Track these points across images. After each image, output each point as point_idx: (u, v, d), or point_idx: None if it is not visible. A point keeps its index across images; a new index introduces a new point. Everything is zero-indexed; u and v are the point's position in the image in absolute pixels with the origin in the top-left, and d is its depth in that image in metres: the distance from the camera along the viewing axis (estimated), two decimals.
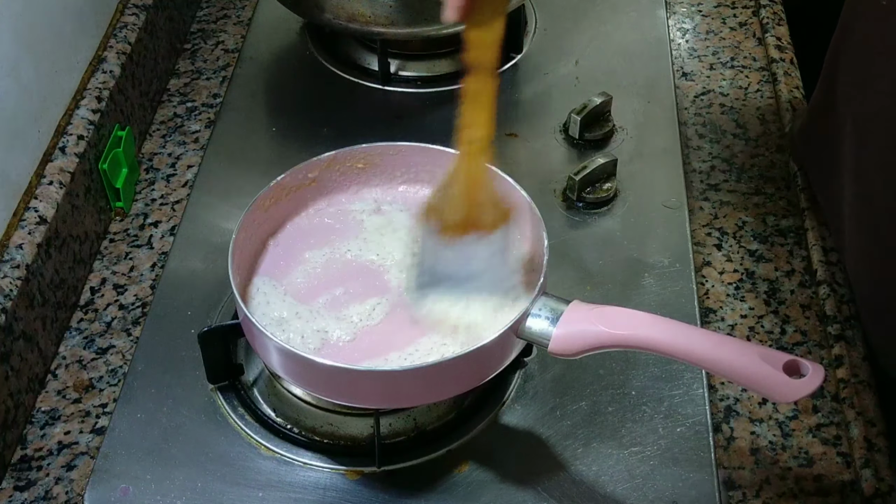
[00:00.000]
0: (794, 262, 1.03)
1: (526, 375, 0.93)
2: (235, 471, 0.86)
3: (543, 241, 0.85)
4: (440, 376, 0.79)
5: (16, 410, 0.89)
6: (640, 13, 1.31)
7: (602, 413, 0.90)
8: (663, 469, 0.86)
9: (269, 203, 0.91)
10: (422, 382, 0.79)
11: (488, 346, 0.78)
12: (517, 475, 0.86)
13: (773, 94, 1.21)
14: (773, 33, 1.28)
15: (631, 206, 1.08)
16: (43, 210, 0.95)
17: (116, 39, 1.14)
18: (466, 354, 0.77)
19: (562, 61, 1.25)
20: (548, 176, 1.10)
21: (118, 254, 1.06)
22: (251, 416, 0.90)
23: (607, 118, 1.14)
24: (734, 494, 0.86)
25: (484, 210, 0.84)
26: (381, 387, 0.80)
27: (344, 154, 0.94)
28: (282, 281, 0.89)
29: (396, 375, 0.79)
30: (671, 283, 0.99)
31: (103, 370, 0.95)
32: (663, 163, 1.12)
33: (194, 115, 1.20)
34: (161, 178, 1.13)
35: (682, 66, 1.26)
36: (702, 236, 1.06)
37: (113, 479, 0.86)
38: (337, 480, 0.86)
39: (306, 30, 1.30)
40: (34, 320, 0.92)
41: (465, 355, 0.77)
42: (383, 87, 1.22)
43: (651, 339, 0.75)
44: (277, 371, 0.83)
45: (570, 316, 0.78)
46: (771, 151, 1.14)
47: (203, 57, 1.28)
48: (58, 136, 1.02)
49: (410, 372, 0.78)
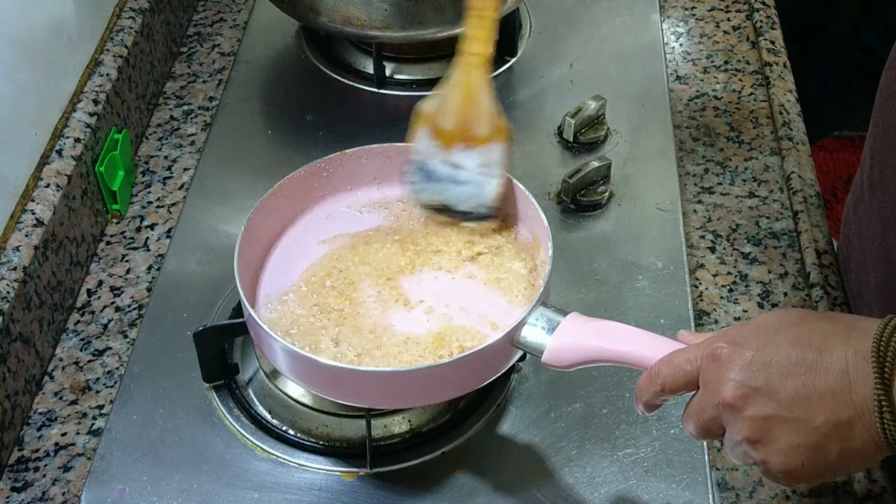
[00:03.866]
0: (787, 265, 1.04)
1: (520, 378, 0.93)
2: (231, 472, 0.87)
3: (549, 250, 0.85)
4: (437, 378, 0.79)
5: (13, 412, 0.89)
6: (634, 17, 1.32)
7: (596, 415, 0.90)
8: (657, 471, 0.86)
9: (275, 202, 0.91)
10: (420, 383, 0.79)
11: (482, 351, 0.78)
12: (511, 477, 0.86)
13: (766, 97, 1.22)
14: (767, 37, 1.28)
15: (625, 208, 1.08)
16: (40, 212, 0.96)
17: (113, 43, 1.14)
18: (463, 358, 0.78)
19: (556, 64, 1.25)
20: (542, 179, 1.10)
21: (115, 256, 1.06)
22: (247, 417, 0.90)
23: (601, 121, 1.15)
24: (727, 496, 0.86)
25: (477, 123, 0.87)
26: (380, 387, 0.80)
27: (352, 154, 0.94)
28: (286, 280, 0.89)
29: (396, 376, 0.79)
30: (665, 285, 1.00)
31: (100, 372, 0.95)
32: (657, 166, 1.12)
33: (190, 118, 1.21)
34: (157, 181, 1.13)
35: (676, 70, 1.26)
36: (695, 239, 1.06)
37: (109, 481, 0.86)
38: (332, 482, 0.86)
39: (302, 33, 1.30)
40: (31, 322, 0.92)
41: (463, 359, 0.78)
42: (378, 90, 1.22)
43: (644, 357, 0.74)
44: (281, 369, 0.83)
45: (566, 328, 0.78)
46: (764, 154, 1.15)
47: (199, 60, 1.29)
48: (55, 139, 1.03)
49: (410, 373, 0.79)
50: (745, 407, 0.65)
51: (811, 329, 0.65)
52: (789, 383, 0.63)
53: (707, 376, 0.67)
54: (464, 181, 0.89)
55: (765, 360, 0.64)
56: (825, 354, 0.63)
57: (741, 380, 0.65)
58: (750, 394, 0.64)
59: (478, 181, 0.89)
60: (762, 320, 0.67)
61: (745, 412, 0.65)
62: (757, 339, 0.66)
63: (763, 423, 0.65)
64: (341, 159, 0.94)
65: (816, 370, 0.63)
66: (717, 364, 0.66)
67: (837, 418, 0.63)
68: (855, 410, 0.62)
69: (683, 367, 0.69)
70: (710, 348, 0.67)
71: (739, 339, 0.66)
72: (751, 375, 0.64)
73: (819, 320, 0.66)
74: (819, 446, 0.64)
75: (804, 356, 0.64)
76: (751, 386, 0.64)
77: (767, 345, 0.65)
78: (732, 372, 0.65)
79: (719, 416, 0.67)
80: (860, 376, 0.62)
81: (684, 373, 0.69)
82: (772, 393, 0.64)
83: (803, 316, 0.67)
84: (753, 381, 0.64)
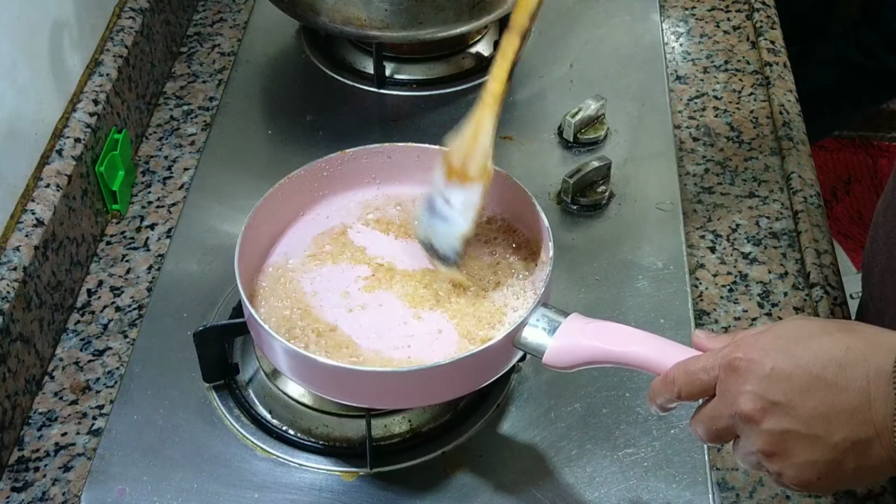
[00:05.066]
0: (787, 265, 1.04)
1: (520, 378, 0.93)
2: (231, 472, 0.87)
3: (549, 250, 0.85)
4: (438, 378, 0.79)
5: (13, 412, 0.89)
6: (634, 17, 1.32)
7: (596, 415, 0.90)
8: (657, 471, 0.86)
9: (275, 202, 0.91)
10: (420, 384, 0.79)
11: (482, 352, 0.78)
12: (511, 477, 0.86)
13: (766, 97, 1.22)
14: (767, 37, 1.28)
15: (625, 208, 1.08)
16: (40, 212, 0.96)
17: (113, 43, 1.14)
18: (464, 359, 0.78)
19: (556, 64, 1.25)
20: (542, 179, 1.10)
21: (115, 256, 1.06)
22: (247, 417, 0.90)
23: (601, 121, 1.15)
24: (727, 496, 0.86)
25: (472, 160, 0.86)
26: (380, 387, 0.80)
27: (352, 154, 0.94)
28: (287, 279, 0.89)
29: (396, 376, 0.79)
30: (665, 285, 1.00)
31: (100, 372, 0.95)
32: (657, 165, 1.12)
33: (190, 118, 1.21)
34: (157, 181, 1.13)
35: (676, 70, 1.26)
36: (695, 239, 1.06)
37: (110, 481, 0.86)
38: (332, 482, 0.86)
39: (302, 33, 1.30)
40: (31, 322, 0.92)
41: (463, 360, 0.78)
42: (378, 90, 1.22)
43: (645, 359, 0.74)
44: (281, 369, 0.83)
45: (567, 329, 0.78)
46: (764, 154, 1.15)
47: (199, 60, 1.29)
48: (55, 139, 1.03)
49: (410, 373, 0.79)
50: (763, 420, 0.64)
51: (832, 343, 0.64)
52: (809, 399, 0.63)
53: (724, 386, 0.67)
54: (446, 217, 0.88)
55: (785, 373, 0.64)
56: (846, 371, 0.62)
57: (760, 392, 0.64)
58: (768, 407, 0.64)
59: (455, 221, 0.88)
60: (782, 329, 0.67)
61: (762, 425, 0.64)
62: (777, 350, 0.65)
63: (780, 438, 0.64)
64: (341, 159, 0.94)
65: (837, 387, 0.62)
66: (735, 374, 0.66)
67: (856, 437, 0.62)
68: (874, 430, 0.61)
69: (700, 375, 0.68)
70: (728, 358, 0.66)
71: (758, 349, 0.65)
72: (770, 388, 0.64)
73: (841, 332, 0.65)
74: (836, 462, 0.63)
75: (825, 372, 0.63)
76: (770, 399, 0.64)
77: (787, 357, 0.64)
78: (751, 383, 0.65)
79: (734, 426, 0.67)
80: (880, 396, 0.61)
81: (701, 381, 0.68)
82: (791, 408, 0.63)
83: (824, 326, 0.66)
84: (772, 395, 0.64)
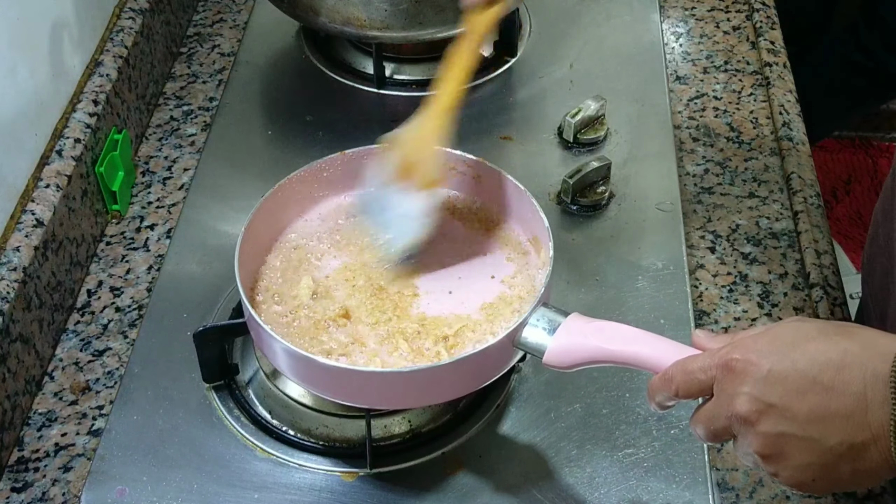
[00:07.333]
0: (787, 265, 1.04)
1: (520, 378, 0.93)
2: (231, 472, 0.87)
3: (549, 251, 0.85)
4: (438, 378, 0.79)
5: (13, 412, 0.89)
6: (634, 17, 1.32)
7: (596, 415, 0.90)
8: (657, 471, 0.86)
9: (275, 202, 0.90)
10: (420, 384, 0.79)
11: (483, 352, 0.78)
12: (511, 477, 0.86)
13: (766, 97, 1.22)
14: (767, 37, 1.28)
15: (625, 208, 1.08)
16: (40, 213, 0.96)
17: (113, 43, 1.14)
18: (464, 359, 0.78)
19: (556, 65, 1.25)
20: (542, 179, 1.10)
21: (114, 256, 1.06)
22: (247, 417, 0.91)
23: (601, 121, 1.15)
24: (727, 496, 0.86)
25: (419, 166, 0.86)
26: (380, 387, 0.80)
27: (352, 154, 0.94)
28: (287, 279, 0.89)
29: (396, 376, 0.79)
30: (665, 285, 1.00)
31: (100, 372, 0.95)
32: (657, 166, 1.12)
33: (190, 119, 1.21)
34: (157, 182, 1.13)
35: (676, 70, 1.26)
36: (695, 239, 1.06)
37: (109, 481, 0.86)
38: (332, 482, 0.86)
39: (302, 33, 1.30)
40: (31, 323, 0.92)
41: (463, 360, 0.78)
42: (378, 90, 1.22)
43: (645, 358, 0.74)
44: (281, 369, 0.83)
45: (567, 329, 0.78)
46: (764, 155, 1.15)
47: (199, 60, 1.29)
48: (55, 140, 1.03)
49: (410, 373, 0.79)
50: (759, 422, 0.64)
51: (830, 346, 0.64)
52: (805, 402, 0.63)
53: (721, 386, 0.67)
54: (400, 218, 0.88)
55: (781, 375, 0.64)
56: (843, 374, 0.62)
57: (756, 394, 0.64)
58: (764, 409, 0.64)
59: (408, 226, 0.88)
60: (779, 331, 0.67)
61: (758, 427, 0.64)
62: (773, 352, 0.65)
63: (776, 440, 0.64)
64: (341, 159, 0.94)
65: (833, 390, 0.62)
66: (731, 375, 0.66)
67: (852, 440, 0.62)
68: (871, 434, 0.62)
69: (697, 375, 0.68)
70: (726, 359, 0.66)
71: (756, 350, 0.66)
72: (766, 390, 0.64)
73: (838, 335, 0.65)
74: (832, 465, 0.63)
75: (822, 375, 0.63)
76: (765, 401, 0.64)
77: (784, 359, 0.64)
78: (747, 385, 0.65)
79: (731, 427, 0.67)
80: (877, 400, 0.61)
81: (698, 381, 0.68)
82: (787, 410, 0.63)
83: (822, 329, 0.66)
84: (768, 397, 0.64)
